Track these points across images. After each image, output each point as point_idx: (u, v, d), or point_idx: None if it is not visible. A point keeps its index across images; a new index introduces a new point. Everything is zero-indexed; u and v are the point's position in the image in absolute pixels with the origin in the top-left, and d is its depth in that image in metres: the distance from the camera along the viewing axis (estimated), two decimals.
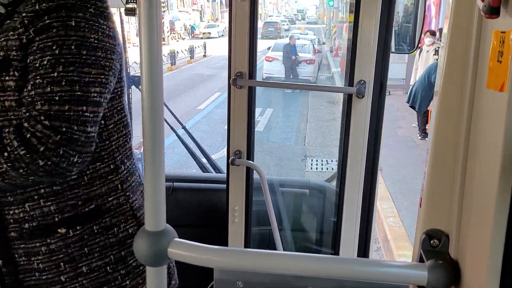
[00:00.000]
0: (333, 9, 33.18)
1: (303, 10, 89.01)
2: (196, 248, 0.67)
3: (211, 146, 8.47)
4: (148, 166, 0.66)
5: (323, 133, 9.71)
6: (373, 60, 1.78)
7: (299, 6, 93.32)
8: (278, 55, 15.28)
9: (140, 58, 0.63)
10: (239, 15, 1.89)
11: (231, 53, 1.97)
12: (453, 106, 0.66)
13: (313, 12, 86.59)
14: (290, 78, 14.89)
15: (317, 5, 77.26)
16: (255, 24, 1.92)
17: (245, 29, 1.89)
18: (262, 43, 38.42)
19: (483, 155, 0.60)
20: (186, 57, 24.31)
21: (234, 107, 2.04)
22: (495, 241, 0.57)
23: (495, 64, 0.55)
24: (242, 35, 1.91)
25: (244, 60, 1.95)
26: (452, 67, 0.66)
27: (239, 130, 2.05)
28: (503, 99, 0.53)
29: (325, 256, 0.67)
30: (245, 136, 2.05)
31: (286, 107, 12.46)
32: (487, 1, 0.53)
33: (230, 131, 2.09)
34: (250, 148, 2.07)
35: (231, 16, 1.93)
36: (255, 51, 1.97)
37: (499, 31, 0.54)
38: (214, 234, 2.61)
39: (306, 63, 15.33)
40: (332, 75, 17.12)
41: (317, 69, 16.28)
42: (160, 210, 0.67)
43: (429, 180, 0.71)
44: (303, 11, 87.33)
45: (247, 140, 2.06)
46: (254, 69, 1.98)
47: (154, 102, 0.64)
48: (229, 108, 2.06)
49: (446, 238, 0.70)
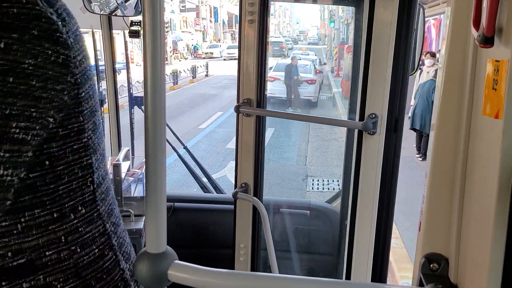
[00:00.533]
0: (334, 30, 33.60)
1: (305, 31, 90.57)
2: (197, 271, 0.67)
3: (212, 166, 8.47)
4: (150, 187, 0.66)
5: (325, 153, 9.72)
6: (387, 92, 1.58)
7: (301, 27, 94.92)
8: (280, 75, 15.43)
9: (144, 80, 0.64)
10: (248, 38, 1.82)
11: (240, 78, 1.88)
12: (451, 132, 0.67)
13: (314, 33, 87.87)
14: (291, 98, 14.98)
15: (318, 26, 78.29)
16: (264, 47, 1.83)
17: (254, 53, 1.81)
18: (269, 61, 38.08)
19: (480, 180, 0.61)
20: (188, 76, 24.54)
21: (242, 136, 1.92)
22: (494, 266, 0.58)
23: (490, 92, 0.56)
24: (250, 60, 1.83)
25: (252, 86, 1.84)
26: (448, 94, 0.67)
27: (246, 161, 1.93)
28: (499, 126, 0.54)
29: (325, 280, 0.67)
30: (252, 168, 1.93)
31: (288, 126, 12.52)
32: (482, 31, 0.55)
33: (237, 162, 1.96)
34: (258, 181, 1.94)
35: (240, 39, 1.86)
36: (264, 77, 1.86)
37: (494, 59, 0.56)
38: (215, 254, 2.60)
39: (308, 83, 15.45)
40: (333, 95, 17.24)
41: (318, 89, 16.40)
42: (161, 231, 0.68)
43: (428, 204, 0.72)
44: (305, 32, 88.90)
45: (254, 172, 1.93)
46: (262, 96, 1.86)
47: (157, 123, 0.65)
48: (237, 137, 1.94)
49: (446, 262, 0.70)
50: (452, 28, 0.66)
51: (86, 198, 1.05)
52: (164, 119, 0.67)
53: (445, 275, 0.70)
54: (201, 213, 2.63)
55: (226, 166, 8.59)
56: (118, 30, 2.70)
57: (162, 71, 0.65)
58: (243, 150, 1.92)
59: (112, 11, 2.40)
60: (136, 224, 2.10)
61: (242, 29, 1.83)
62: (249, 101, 1.85)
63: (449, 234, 0.70)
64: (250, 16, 1.80)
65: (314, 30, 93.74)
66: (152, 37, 0.63)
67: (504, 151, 0.53)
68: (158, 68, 0.64)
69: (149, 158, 0.66)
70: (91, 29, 2.80)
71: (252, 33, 1.80)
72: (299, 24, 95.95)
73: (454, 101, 0.67)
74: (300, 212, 2.55)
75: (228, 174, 8.13)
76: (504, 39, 0.54)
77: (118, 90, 2.83)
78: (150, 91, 0.64)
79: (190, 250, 2.54)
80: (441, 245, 0.71)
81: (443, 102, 0.68)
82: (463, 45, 0.65)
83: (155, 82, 0.64)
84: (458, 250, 0.67)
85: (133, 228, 2.07)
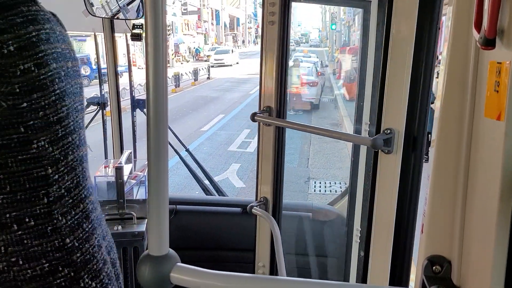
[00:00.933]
0: (335, 33, 33.63)
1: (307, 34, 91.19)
2: (199, 273, 0.67)
3: (214, 168, 8.47)
4: (152, 190, 0.67)
5: (327, 155, 9.71)
6: (404, 105, 1.33)
7: (302, 30, 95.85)
8: None
9: (147, 83, 0.65)
10: (269, 41, 1.70)
11: (261, 83, 1.76)
12: (453, 134, 0.67)
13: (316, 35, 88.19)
14: (293, 101, 15.00)
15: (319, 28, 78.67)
16: (285, 50, 1.69)
17: (274, 56, 1.69)
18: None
19: (483, 182, 0.61)
20: (190, 79, 24.57)
21: (262, 147, 1.81)
22: (496, 267, 0.57)
23: (492, 94, 0.56)
24: (271, 63, 1.70)
25: (272, 93, 1.71)
26: (450, 96, 0.67)
27: (265, 174, 1.82)
28: (501, 127, 0.54)
29: (328, 282, 0.67)
30: (271, 182, 1.81)
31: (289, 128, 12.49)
32: (483, 33, 0.55)
33: (258, 174, 1.86)
34: (277, 195, 1.81)
35: (262, 42, 1.75)
36: (285, 82, 1.72)
37: (495, 61, 0.56)
38: (218, 257, 2.60)
39: (309, 85, 15.46)
40: (335, 98, 17.24)
41: (320, 92, 16.41)
42: (163, 234, 0.68)
43: (430, 206, 0.71)
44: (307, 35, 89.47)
45: (273, 186, 1.80)
46: (282, 104, 1.73)
47: (159, 126, 0.65)
48: (258, 146, 1.84)
49: (448, 264, 0.70)
50: (453, 30, 0.67)
51: (37, 211, 0.97)
52: (166, 122, 0.67)
53: (447, 277, 0.70)
54: (203, 216, 2.63)
55: (228, 169, 8.58)
56: (120, 33, 2.71)
57: (164, 74, 0.65)
58: (263, 162, 1.82)
59: (114, 14, 2.41)
60: (138, 227, 2.10)
61: (264, 31, 1.73)
62: (268, 109, 1.73)
63: (452, 236, 0.70)
64: (271, 17, 1.68)
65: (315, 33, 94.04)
66: (154, 40, 0.63)
67: (507, 153, 0.53)
68: (160, 71, 0.64)
69: (151, 161, 0.66)
70: (94, 32, 2.81)
71: (273, 35, 1.69)
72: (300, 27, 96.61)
73: (456, 103, 0.67)
74: (303, 215, 2.55)
75: (230, 177, 8.13)
76: (506, 41, 0.54)
77: (121, 93, 2.84)
78: (152, 94, 0.64)
79: (192, 252, 2.54)
80: (443, 247, 0.71)
81: (445, 104, 0.68)
82: (464, 47, 0.65)
83: (157, 85, 0.64)
84: (460, 252, 0.67)
85: (135, 231, 2.07)
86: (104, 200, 2.14)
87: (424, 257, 0.72)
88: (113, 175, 2.12)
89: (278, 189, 1.82)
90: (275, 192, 1.81)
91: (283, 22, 1.67)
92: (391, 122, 1.33)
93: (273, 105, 1.71)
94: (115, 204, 2.13)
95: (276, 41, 1.68)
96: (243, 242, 2.55)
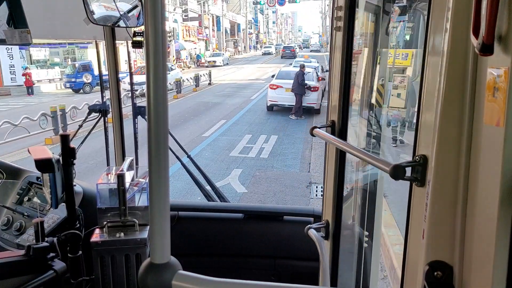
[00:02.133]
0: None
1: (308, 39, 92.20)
2: (200, 281, 0.67)
3: (216, 174, 8.47)
4: (153, 197, 0.67)
5: None
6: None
7: (302, 35, 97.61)
8: (282, 82, 15.49)
9: (147, 90, 0.65)
10: (335, 48, 1.56)
11: (329, 94, 1.62)
12: (453, 140, 0.67)
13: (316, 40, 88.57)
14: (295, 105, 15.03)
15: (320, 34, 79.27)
16: (349, 58, 1.53)
17: (339, 65, 1.53)
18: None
19: (483, 188, 0.61)
20: (191, 85, 24.63)
21: (327, 164, 1.65)
22: (498, 273, 0.57)
23: (491, 100, 0.57)
24: (337, 72, 1.55)
25: (336, 106, 1.54)
26: (450, 102, 0.67)
27: (328, 193, 1.65)
28: (500, 133, 0.54)
29: None
30: (331, 204, 1.64)
31: (291, 133, 12.51)
32: (481, 40, 0.55)
33: (323, 193, 1.71)
34: (337, 219, 1.62)
35: (331, 50, 1.62)
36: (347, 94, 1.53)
37: (494, 67, 0.56)
38: (220, 263, 2.60)
39: (310, 90, 15.49)
40: None
41: (320, 96, 16.43)
42: (165, 242, 0.68)
43: (431, 212, 0.71)
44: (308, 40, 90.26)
45: (333, 209, 1.62)
46: (345, 119, 1.55)
47: (160, 133, 0.65)
48: (324, 165, 1.70)
49: (450, 270, 0.70)
50: (452, 37, 0.67)
51: None
52: (167, 129, 0.67)
53: (449, 283, 0.70)
54: (205, 222, 2.63)
55: (230, 174, 8.58)
56: (122, 41, 2.72)
57: (164, 81, 0.65)
58: (327, 182, 1.65)
59: (114, 22, 2.42)
60: (140, 234, 2.10)
61: (332, 38, 1.60)
62: (333, 124, 1.55)
63: (453, 241, 0.69)
64: (338, 22, 1.54)
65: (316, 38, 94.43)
66: (154, 47, 0.63)
67: (506, 159, 0.54)
68: (160, 77, 0.64)
69: (152, 170, 0.66)
70: (95, 40, 2.83)
71: (338, 41, 1.55)
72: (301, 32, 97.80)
73: (455, 109, 0.67)
74: (304, 220, 2.54)
75: (231, 182, 8.13)
76: (504, 47, 0.54)
77: (122, 100, 2.85)
78: (152, 101, 0.64)
79: (194, 259, 2.54)
80: (445, 253, 0.71)
81: (445, 111, 0.68)
82: (463, 54, 0.65)
83: (158, 92, 0.64)
84: (462, 257, 0.67)
85: (137, 238, 2.07)
86: (106, 207, 2.14)
87: (425, 263, 0.72)
88: (115, 182, 2.12)
89: (338, 213, 1.62)
90: (337, 215, 1.63)
91: (348, 27, 1.51)
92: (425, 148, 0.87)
93: (336, 119, 1.53)
94: (117, 211, 2.13)
95: (341, 48, 1.52)
96: (245, 248, 2.54)
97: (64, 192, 2.10)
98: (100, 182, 2.23)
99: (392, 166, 1.01)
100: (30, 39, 2.02)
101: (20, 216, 2.37)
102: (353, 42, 1.50)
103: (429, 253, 0.71)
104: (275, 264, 2.51)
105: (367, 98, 2.19)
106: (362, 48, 2.21)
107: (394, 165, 1.01)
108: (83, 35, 2.90)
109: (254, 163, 9.29)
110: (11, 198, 2.51)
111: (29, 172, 2.59)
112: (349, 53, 1.50)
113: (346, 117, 1.51)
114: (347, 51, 1.49)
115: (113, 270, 2.08)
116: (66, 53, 32.87)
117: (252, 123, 14.13)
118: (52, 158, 1.94)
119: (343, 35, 1.49)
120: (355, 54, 1.59)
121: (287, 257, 2.52)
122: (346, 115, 1.52)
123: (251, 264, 2.54)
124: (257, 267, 2.53)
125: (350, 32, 1.48)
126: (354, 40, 1.56)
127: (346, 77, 1.50)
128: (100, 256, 2.06)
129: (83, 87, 24.40)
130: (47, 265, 1.81)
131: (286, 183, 8.16)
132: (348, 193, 2.07)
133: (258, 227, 2.56)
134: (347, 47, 1.50)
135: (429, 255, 0.71)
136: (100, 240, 2.06)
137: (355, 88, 2.12)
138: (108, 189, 2.20)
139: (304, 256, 2.50)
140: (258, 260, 2.53)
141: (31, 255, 1.78)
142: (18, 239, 2.27)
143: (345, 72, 1.50)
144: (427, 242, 0.72)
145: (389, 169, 1.02)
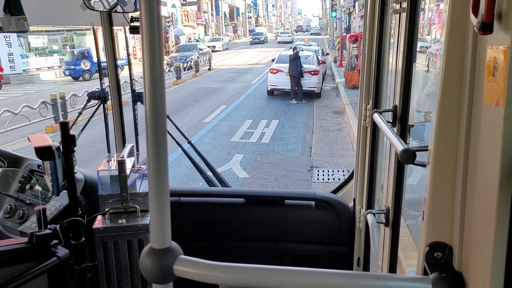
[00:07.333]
0: (336, 20, 33.38)
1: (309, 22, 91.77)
2: (201, 265, 0.67)
3: (217, 159, 8.48)
4: (153, 184, 0.67)
5: (329, 143, 9.70)
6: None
7: (302, 18, 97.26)
8: (283, 66, 15.38)
9: (144, 76, 0.64)
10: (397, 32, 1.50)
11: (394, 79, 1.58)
12: (452, 120, 0.67)
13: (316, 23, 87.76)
14: (295, 89, 14.95)
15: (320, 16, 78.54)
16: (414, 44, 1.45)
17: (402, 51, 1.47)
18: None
19: (483, 168, 0.61)
20: (191, 70, 24.50)
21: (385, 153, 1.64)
22: (497, 253, 0.57)
23: (491, 79, 0.56)
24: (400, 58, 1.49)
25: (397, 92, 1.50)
26: (449, 82, 0.67)
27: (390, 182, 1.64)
28: (500, 113, 0.54)
29: (331, 271, 0.67)
30: (392, 191, 1.62)
31: (292, 118, 12.48)
32: (481, 18, 0.54)
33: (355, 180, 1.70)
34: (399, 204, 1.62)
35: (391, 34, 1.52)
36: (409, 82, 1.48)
37: (493, 46, 0.55)
38: (222, 248, 2.62)
39: (311, 74, 15.38)
40: (337, 85, 17.17)
41: (321, 80, 16.33)
42: (165, 228, 0.68)
43: (431, 193, 0.71)
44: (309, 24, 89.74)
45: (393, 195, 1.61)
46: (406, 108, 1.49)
47: (158, 119, 0.65)
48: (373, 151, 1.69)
49: (450, 250, 0.70)
50: (451, 15, 0.66)
51: None
52: (165, 115, 0.66)
53: (449, 263, 0.70)
54: (207, 207, 2.64)
55: (231, 160, 8.59)
56: (120, 27, 2.69)
57: (161, 66, 0.64)
58: (388, 169, 1.65)
59: (111, 7, 2.40)
60: (142, 220, 2.11)
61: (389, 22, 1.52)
62: (395, 109, 1.52)
63: (453, 222, 0.70)
64: (398, 4, 1.47)
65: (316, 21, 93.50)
66: (150, 32, 0.62)
67: (506, 139, 0.53)
68: (157, 63, 0.63)
69: (151, 156, 0.66)
70: (92, 26, 2.80)
71: (401, 24, 1.47)
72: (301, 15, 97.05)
73: (454, 89, 0.66)
74: (305, 204, 2.55)
75: (233, 167, 8.15)
76: (504, 25, 0.53)
77: (122, 86, 2.83)
78: (149, 86, 0.64)
79: (197, 244, 2.56)
80: (444, 234, 0.71)
81: (444, 91, 0.67)
82: (462, 33, 0.64)
83: (155, 78, 0.64)
84: (461, 238, 0.68)
85: (139, 224, 2.09)
86: (107, 194, 2.15)
87: (425, 244, 0.72)
88: (116, 169, 2.12)
89: (399, 199, 1.62)
90: (396, 201, 1.62)
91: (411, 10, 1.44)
92: None
93: (398, 104, 1.50)
94: (118, 198, 2.14)
95: (403, 33, 1.46)
96: (247, 232, 2.56)
97: (65, 180, 2.10)
98: (101, 169, 2.24)
99: (402, 151, 1.09)
100: (26, 26, 2.00)
101: (23, 204, 2.39)
102: (418, 25, 1.44)
103: (429, 234, 0.72)
104: (276, 247, 2.53)
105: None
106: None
107: (404, 149, 1.09)
108: (80, 21, 2.87)
109: (255, 148, 9.28)
110: (13, 186, 2.52)
111: (30, 160, 2.59)
112: (412, 37, 1.44)
113: (406, 102, 1.48)
114: (409, 35, 1.43)
115: (116, 256, 2.09)
116: (64, 40, 32.64)
117: (252, 108, 14.08)
118: (52, 146, 1.95)
119: (407, 17, 1.43)
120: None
121: (288, 241, 2.54)
122: (406, 100, 1.48)
123: (253, 248, 2.56)
124: (259, 251, 2.55)
125: (413, 14, 1.42)
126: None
127: (408, 62, 1.46)
128: (103, 242, 2.07)
129: (83, 74, 24.27)
130: (50, 252, 1.82)
131: (287, 167, 8.17)
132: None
133: (260, 212, 2.57)
134: (410, 30, 1.44)
135: (429, 236, 0.72)
136: (102, 227, 2.08)
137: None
138: (109, 175, 2.21)
139: (306, 240, 2.52)
140: (260, 244, 2.55)
141: (34, 242, 1.80)
142: (21, 226, 2.29)
143: (407, 57, 1.46)
144: (427, 223, 0.72)
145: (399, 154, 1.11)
